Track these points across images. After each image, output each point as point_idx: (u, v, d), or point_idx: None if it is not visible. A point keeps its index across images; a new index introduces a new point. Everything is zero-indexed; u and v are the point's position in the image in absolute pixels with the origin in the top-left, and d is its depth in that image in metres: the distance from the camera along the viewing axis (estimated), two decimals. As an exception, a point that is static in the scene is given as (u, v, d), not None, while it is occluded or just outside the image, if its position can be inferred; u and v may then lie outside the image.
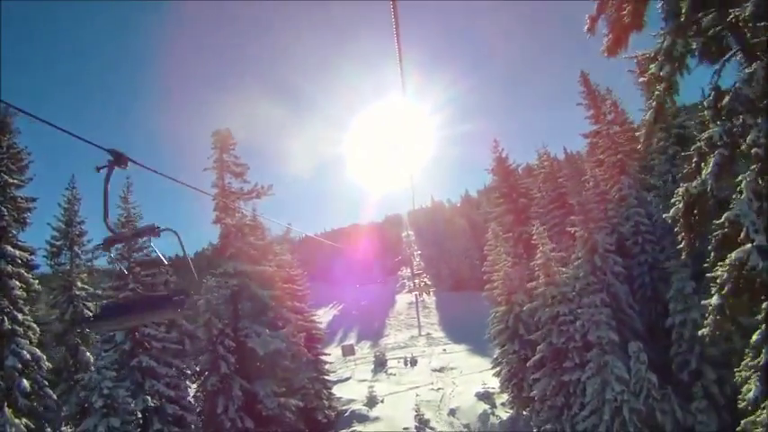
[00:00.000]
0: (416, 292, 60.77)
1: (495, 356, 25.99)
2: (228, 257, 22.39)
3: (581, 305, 17.44)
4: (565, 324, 17.58)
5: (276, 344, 21.10)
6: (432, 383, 33.11)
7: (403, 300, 64.33)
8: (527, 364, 19.34)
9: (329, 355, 31.01)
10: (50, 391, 17.65)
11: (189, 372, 22.24)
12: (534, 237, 19.57)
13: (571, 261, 19.91)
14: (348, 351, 42.01)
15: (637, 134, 25.50)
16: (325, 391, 28.13)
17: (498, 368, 25.44)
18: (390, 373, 37.36)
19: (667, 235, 20.91)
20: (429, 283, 65.18)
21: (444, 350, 42.17)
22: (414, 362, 39.27)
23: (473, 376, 32.58)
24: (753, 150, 7.32)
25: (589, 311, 16.46)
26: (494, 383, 27.45)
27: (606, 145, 23.73)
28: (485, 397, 27.84)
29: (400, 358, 40.54)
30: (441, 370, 36.34)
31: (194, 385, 23.12)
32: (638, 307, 19.67)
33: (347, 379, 37.68)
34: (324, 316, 66.91)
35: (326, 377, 28.92)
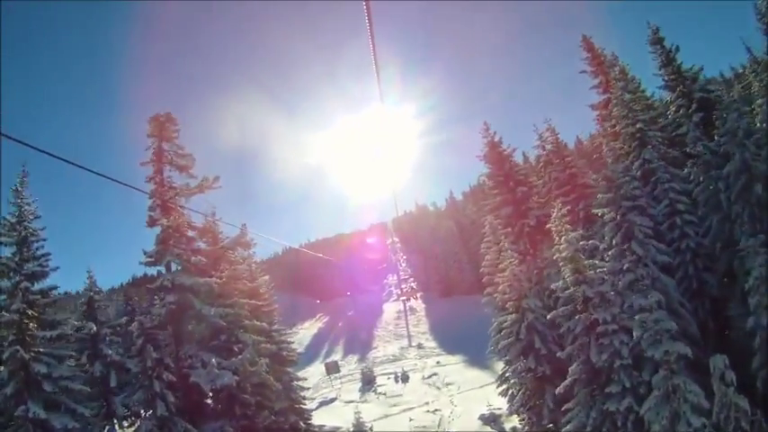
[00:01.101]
0: (404, 298, 55.49)
1: (500, 372, 20.52)
2: (165, 268, 16.77)
3: (625, 309, 12.23)
4: (606, 335, 12.23)
5: (226, 377, 15.42)
6: (427, 403, 27.44)
7: (391, 309, 58.45)
8: (555, 392, 13.86)
9: (305, 379, 25.15)
10: None
11: (118, 414, 16.35)
12: (554, 221, 14.24)
13: (599, 252, 14.76)
14: (332, 368, 36.01)
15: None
16: (302, 423, 22.27)
17: (505, 386, 20.02)
18: (380, 392, 31.52)
19: (712, 213, 16.04)
20: (415, 287, 59.95)
21: (438, 362, 36.28)
22: (405, 378, 33.37)
23: (473, 393, 27.00)
24: None
25: (645, 318, 11.14)
26: (499, 403, 22.02)
27: (621, 114, 18.73)
28: (491, 420, 22.30)
29: (390, 374, 34.68)
30: (436, 386, 30.64)
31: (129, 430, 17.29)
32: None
33: (332, 400, 31.97)
34: (310, 329, 60.90)
35: (303, 405, 23.08)
